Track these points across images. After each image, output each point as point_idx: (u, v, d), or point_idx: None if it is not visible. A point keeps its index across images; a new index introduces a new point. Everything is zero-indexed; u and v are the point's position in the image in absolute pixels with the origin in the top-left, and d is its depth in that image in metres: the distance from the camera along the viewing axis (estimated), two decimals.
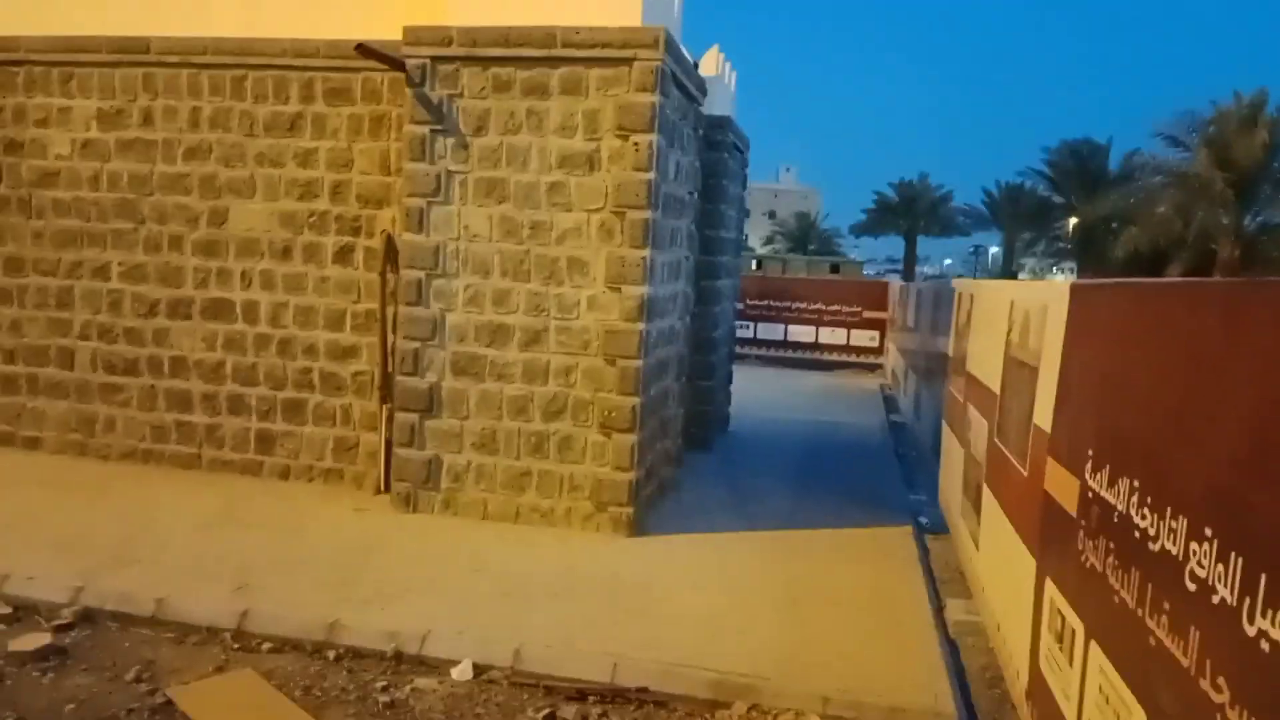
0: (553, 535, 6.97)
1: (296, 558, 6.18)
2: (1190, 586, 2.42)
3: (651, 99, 6.79)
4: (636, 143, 6.82)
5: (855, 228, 50.43)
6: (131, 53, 7.97)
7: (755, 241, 57.67)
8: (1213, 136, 25.05)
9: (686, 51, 8.13)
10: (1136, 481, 2.92)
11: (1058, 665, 3.65)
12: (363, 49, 6.97)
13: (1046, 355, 4.35)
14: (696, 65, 9.44)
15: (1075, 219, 33.88)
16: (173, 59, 7.91)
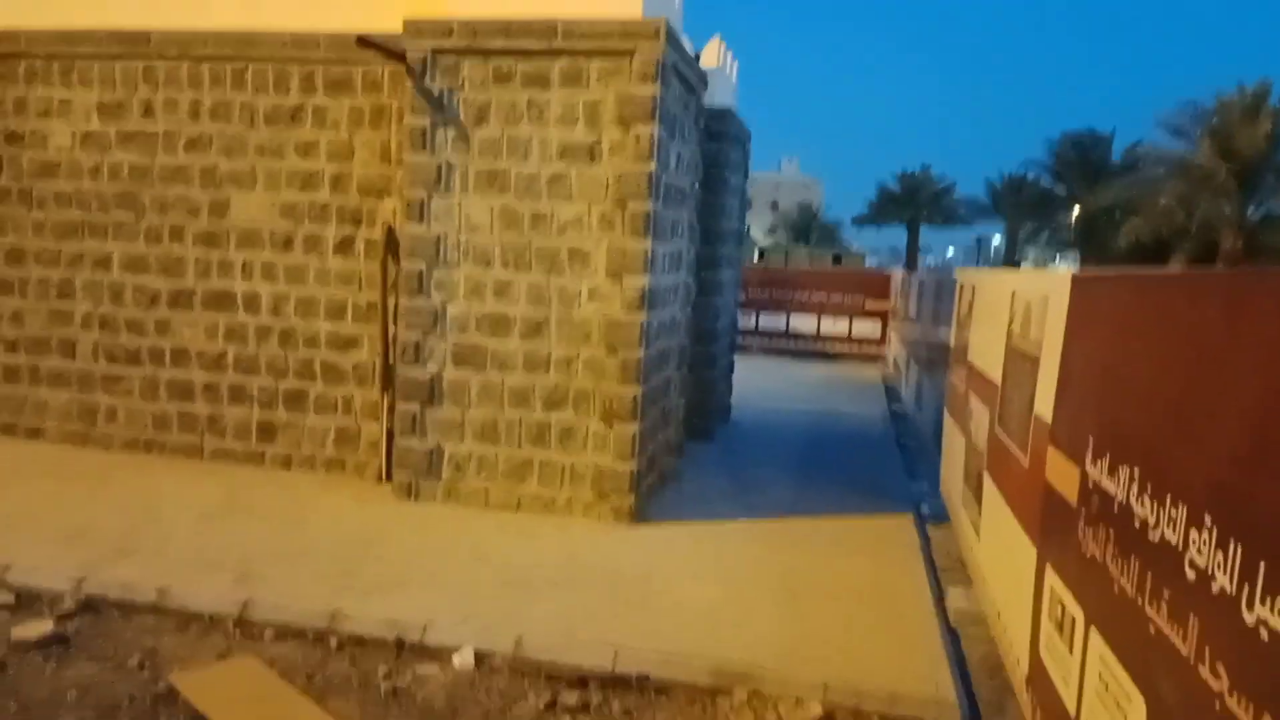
0: (554, 525, 6.98)
1: (299, 547, 6.20)
2: (1190, 574, 2.43)
3: (652, 90, 6.78)
4: (638, 134, 6.82)
5: (858, 219, 50.32)
6: (132, 45, 7.97)
7: (758, 232, 57.58)
8: (1216, 127, 24.99)
9: (688, 43, 8.11)
10: (1136, 470, 2.93)
11: (1058, 653, 3.67)
12: (363, 42, 6.97)
13: (1048, 345, 4.35)
14: (698, 56, 9.42)
15: (1078, 209, 33.81)
16: (173, 52, 7.91)
